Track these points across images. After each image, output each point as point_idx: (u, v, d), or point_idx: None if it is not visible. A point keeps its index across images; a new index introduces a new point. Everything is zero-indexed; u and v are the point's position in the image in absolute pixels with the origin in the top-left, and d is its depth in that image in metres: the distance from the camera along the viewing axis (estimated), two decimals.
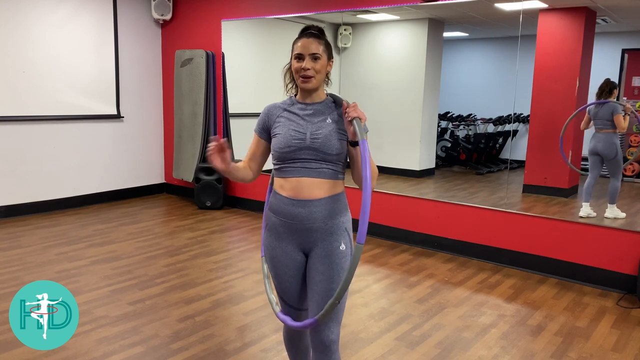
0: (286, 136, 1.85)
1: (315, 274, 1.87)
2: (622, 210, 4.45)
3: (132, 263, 4.16)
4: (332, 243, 1.86)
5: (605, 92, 4.54)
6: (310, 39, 1.84)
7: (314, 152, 1.84)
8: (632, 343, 3.04)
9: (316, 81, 1.85)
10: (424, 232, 4.77)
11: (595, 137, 4.63)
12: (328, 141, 1.83)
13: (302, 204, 1.84)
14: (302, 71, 1.83)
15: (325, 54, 1.86)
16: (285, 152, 1.85)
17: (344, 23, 5.82)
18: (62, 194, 5.84)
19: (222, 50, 6.08)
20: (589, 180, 4.65)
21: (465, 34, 7.03)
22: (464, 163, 7.16)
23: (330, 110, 1.90)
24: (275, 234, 1.93)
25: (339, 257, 1.86)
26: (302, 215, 1.85)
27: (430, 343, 2.95)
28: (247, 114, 6.38)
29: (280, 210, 1.89)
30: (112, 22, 6.06)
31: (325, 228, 1.86)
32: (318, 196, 1.84)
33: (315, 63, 1.83)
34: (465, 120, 7.32)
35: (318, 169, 1.84)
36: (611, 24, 5.09)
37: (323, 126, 1.86)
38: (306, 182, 1.84)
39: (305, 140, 1.84)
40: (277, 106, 1.95)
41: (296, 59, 1.85)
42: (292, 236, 1.89)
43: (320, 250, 1.87)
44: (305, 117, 1.88)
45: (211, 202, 6.06)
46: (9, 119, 5.32)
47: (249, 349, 2.85)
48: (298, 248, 1.90)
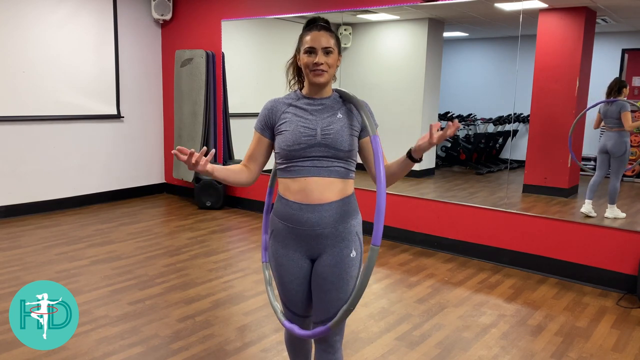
0: (295, 133, 1.73)
1: (323, 282, 1.79)
2: (622, 211, 4.45)
3: (132, 263, 4.16)
4: (342, 250, 1.77)
5: (614, 90, 4.55)
6: (321, 32, 1.74)
7: (326, 149, 1.73)
8: (632, 343, 3.04)
9: (329, 75, 1.75)
10: (424, 232, 4.77)
11: (606, 135, 4.64)
12: (340, 136, 1.74)
13: (312, 208, 1.74)
14: (315, 66, 1.72)
15: (337, 49, 1.76)
16: (294, 150, 1.73)
17: (344, 23, 5.82)
18: (62, 194, 5.84)
19: (222, 50, 6.08)
20: (595, 179, 4.65)
21: (465, 34, 7.03)
22: (464, 163, 7.16)
23: (339, 105, 1.81)
24: (280, 240, 1.82)
25: (348, 266, 1.78)
26: (312, 220, 1.74)
27: (430, 343, 2.95)
28: (247, 114, 6.37)
29: (288, 216, 1.77)
30: (112, 22, 6.06)
31: (336, 233, 1.76)
32: (329, 199, 1.74)
33: (328, 57, 1.73)
34: (465, 120, 7.32)
35: (329, 167, 1.74)
36: (611, 24, 5.09)
37: (334, 121, 1.76)
38: (316, 183, 1.73)
39: (316, 137, 1.73)
40: (281, 101, 1.82)
41: (307, 53, 1.73)
42: (299, 243, 1.79)
43: (329, 258, 1.77)
44: (314, 112, 1.77)
45: (211, 202, 6.06)
46: (9, 119, 5.32)
47: (249, 349, 2.85)
48: (305, 255, 1.81)
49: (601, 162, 4.68)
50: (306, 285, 1.85)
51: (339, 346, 1.87)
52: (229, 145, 6.29)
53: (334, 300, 1.79)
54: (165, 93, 6.74)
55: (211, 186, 6.02)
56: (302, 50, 1.76)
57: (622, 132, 4.55)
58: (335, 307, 1.79)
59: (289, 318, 1.92)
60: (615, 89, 4.54)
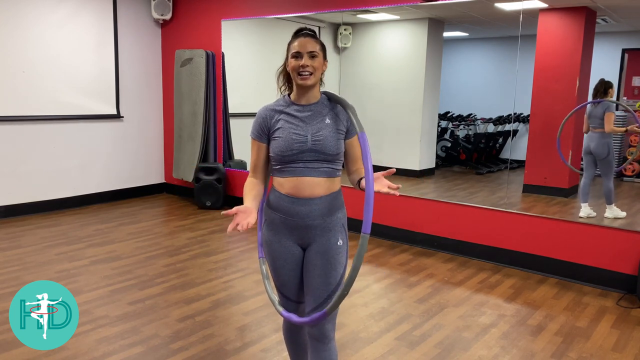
0: (287, 140, 1.88)
1: (312, 268, 1.93)
2: (622, 210, 4.44)
3: (132, 263, 4.16)
4: (329, 239, 1.93)
5: (600, 92, 4.54)
6: (307, 38, 1.88)
7: (316, 154, 1.88)
8: (632, 343, 3.04)
9: (314, 78, 1.87)
10: (424, 232, 4.77)
11: (589, 136, 4.63)
12: (329, 142, 1.88)
13: (302, 202, 1.89)
14: (301, 68, 1.84)
15: (322, 53, 1.89)
16: (287, 156, 1.88)
17: (344, 23, 5.82)
18: (62, 194, 5.84)
19: (222, 50, 6.08)
20: (584, 181, 4.64)
21: (465, 34, 7.03)
22: (464, 163, 7.16)
23: (326, 109, 1.93)
24: (273, 229, 1.96)
25: (336, 252, 1.93)
26: (302, 212, 1.90)
27: (430, 343, 2.95)
28: (247, 113, 6.36)
29: (280, 208, 1.93)
30: (112, 22, 6.06)
31: (324, 225, 1.92)
32: (318, 194, 1.90)
33: (313, 61, 1.86)
34: (465, 120, 7.32)
35: (319, 168, 1.89)
36: (611, 24, 5.09)
37: (322, 127, 1.90)
38: (307, 182, 1.88)
39: (307, 143, 1.87)
40: (272, 108, 1.95)
41: (294, 58, 1.86)
42: (290, 232, 1.94)
43: (317, 246, 1.93)
44: (304, 119, 1.90)
45: (211, 202, 6.06)
46: (9, 119, 5.32)
47: (249, 349, 2.85)
48: (296, 243, 1.95)
49: (587, 163, 4.66)
50: (298, 272, 1.99)
51: (332, 336, 1.98)
52: (229, 145, 6.29)
53: (323, 285, 1.92)
54: (165, 93, 6.74)
55: (211, 186, 6.01)
56: (289, 55, 1.89)
57: (604, 133, 4.53)
58: (325, 292, 1.91)
59: (285, 305, 2.03)
60: (601, 90, 4.53)
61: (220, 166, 6.03)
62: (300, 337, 2.16)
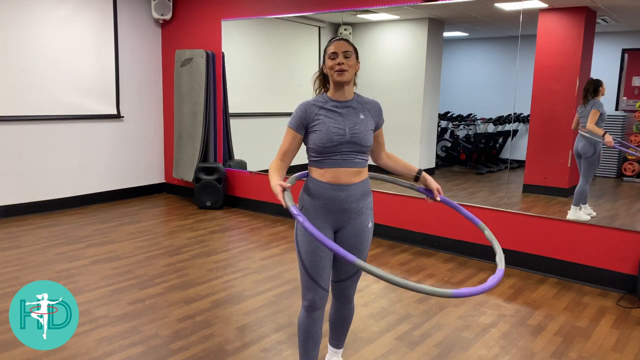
0: (328, 132, 2.08)
1: (347, 248, 2.14)
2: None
3: (132, 263, 4.16)
4: (362, 222, 2.19)
5: (590, 92, 4.52)
6: (341, 41, 2.11)
7: (353, 146, 2.10)
8: (632, 343, 3.04)
9: (349, 75, 2.09)
10: (424, 232, 4.77)
11: (578, 136, 4.62)
12: (364, 135, 2.13)
13: (341, 188, 2.12)
14: (337, 66, 2.06)
15: (354, 54, 2.12)
16: (327, 147, 2.08)
17: (344, 23, 5.82)
18: (62, 194, 5.85)
19: (222, 50, 6.08)
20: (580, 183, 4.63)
21: (465, 34, 7.03)
22: (464, 163, 7.15)
23: (360, 106, 2.18)
24: (310, 214, 2.14)
25: (367, 234, 2.23)
26: (341, 197, 2.12)
27: (430, 343, 2.96)
28: (247, 113, 6.38)
29: (321, 195, 2.13)
30: (112, 22, 6.06)
31: (358, 208, 2.17)
32: (354, 181, 2.14)
33: (348, 59, 2.08)
34: (465, 120, 7.31)
35: (354, 160, 2.13)
36: (611, 24, 5.09)
37: (358, 122, 2.13)
38: (345, 172, 2.11)
39: (346, 136, 2.09)
40: (313, 104, 2.14)
41: (331, 58, 2.08)
42: (327, 216, 2.14)
43: (351, 228, 2.18)
44: (342, 114, 2.13)
45: (211, 201, 6.06)
46: (9, 119, 5.33)
47: (249, 348, 2.85)
48: (330, 227, 2.17)
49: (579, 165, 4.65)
50: (330, 253, 2.16)
51: (353, 297, 2.36)
52: (229, 145, 6.29)
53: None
54: (165, 93, 6.74)
55: (211, 186, 6.02)
56: (327, 57, 2.12)
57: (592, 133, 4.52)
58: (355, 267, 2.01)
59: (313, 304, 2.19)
60: (591, 90, 4.51)
61: (220, 166, 6.03)
62: (316, 329, 2.25)
